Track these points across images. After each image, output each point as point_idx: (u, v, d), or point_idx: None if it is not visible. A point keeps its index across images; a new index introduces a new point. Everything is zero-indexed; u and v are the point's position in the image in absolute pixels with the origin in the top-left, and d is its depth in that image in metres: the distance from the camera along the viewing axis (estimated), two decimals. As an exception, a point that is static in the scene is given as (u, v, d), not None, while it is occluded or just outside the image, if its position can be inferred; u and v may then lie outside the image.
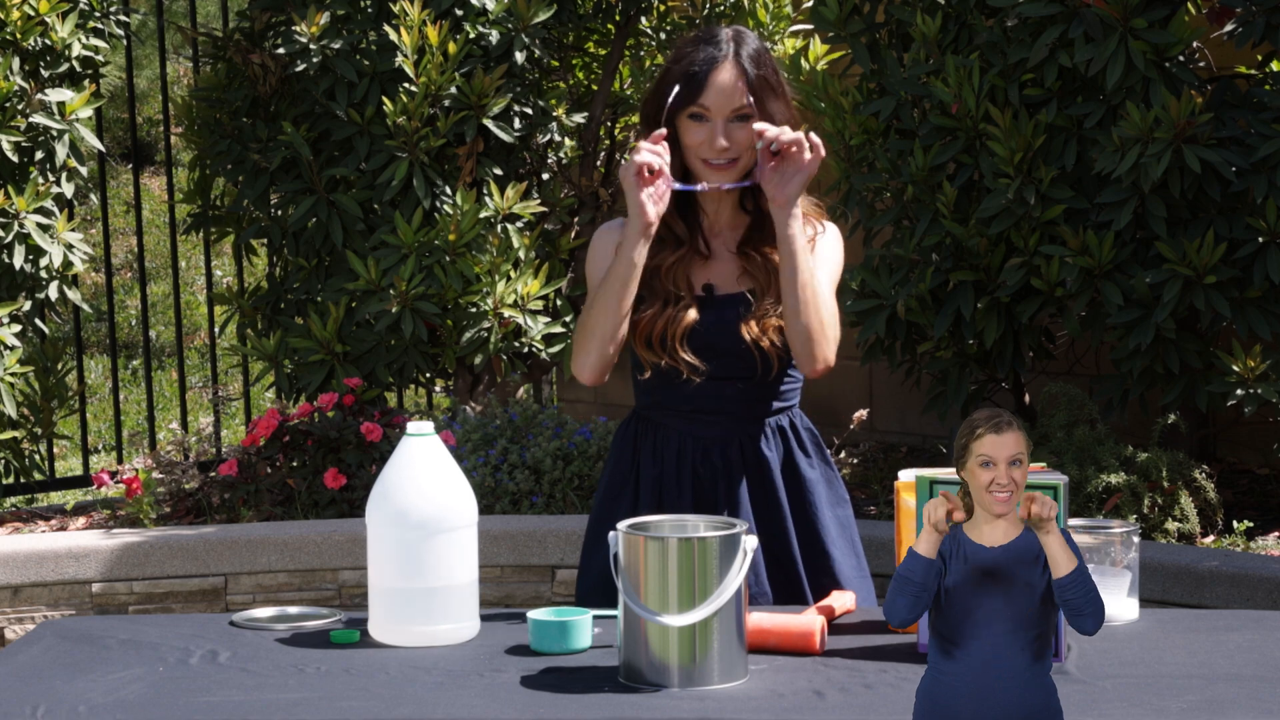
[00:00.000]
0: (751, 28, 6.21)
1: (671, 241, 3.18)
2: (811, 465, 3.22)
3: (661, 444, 3.19)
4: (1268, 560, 4.56)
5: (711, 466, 3.17)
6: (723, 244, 3.22)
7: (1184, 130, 4.86)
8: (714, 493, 3.16)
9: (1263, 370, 4.93)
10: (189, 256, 10.21)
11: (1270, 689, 2.52)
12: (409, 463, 2.83)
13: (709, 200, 3.21)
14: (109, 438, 8.12)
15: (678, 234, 3.18)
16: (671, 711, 2.48)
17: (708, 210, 3.22)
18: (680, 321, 3.14)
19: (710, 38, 3.16)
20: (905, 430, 6.73)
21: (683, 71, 3.14)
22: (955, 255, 5.35)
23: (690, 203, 3.20)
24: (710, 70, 3.12)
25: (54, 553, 5.01)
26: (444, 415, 5.72)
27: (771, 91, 3.15)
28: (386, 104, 5.59)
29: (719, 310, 3.17)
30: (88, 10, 5.93)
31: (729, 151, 3.13)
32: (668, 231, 3.17)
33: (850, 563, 3.22)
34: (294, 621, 2.95)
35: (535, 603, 5.00)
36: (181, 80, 10.48)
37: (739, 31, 3.18)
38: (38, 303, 5.77)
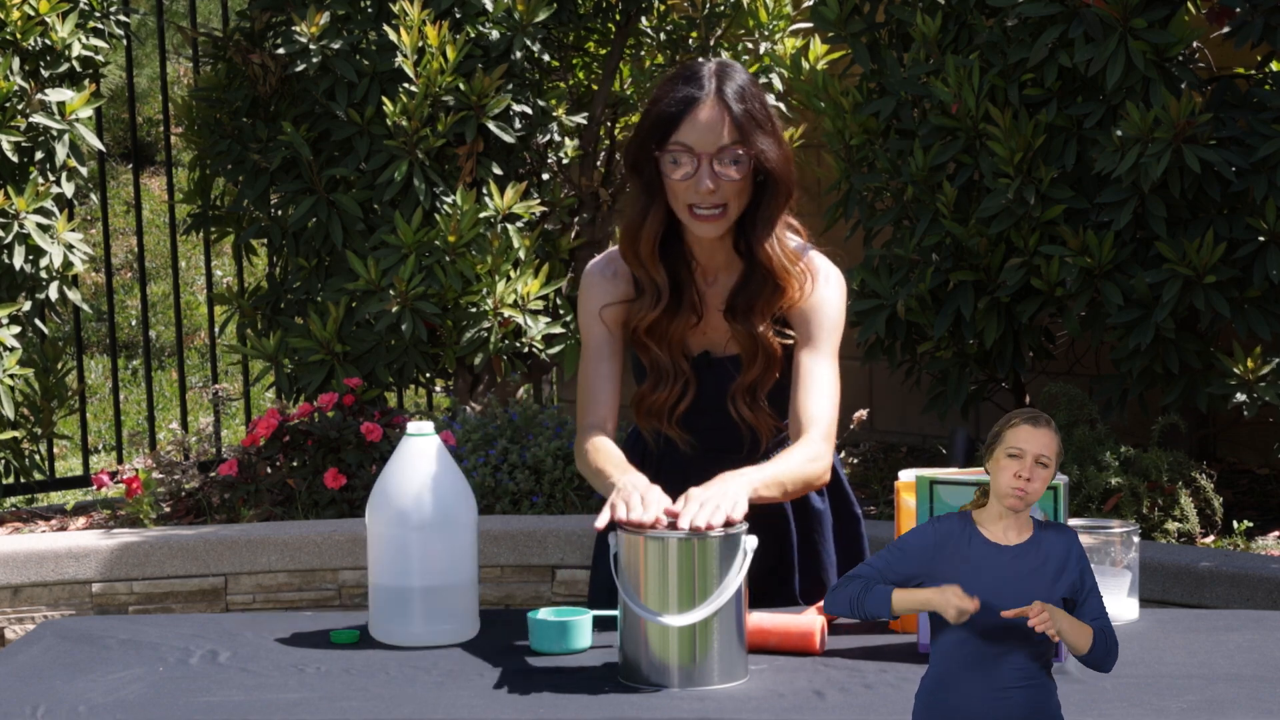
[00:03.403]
0: (751, 27, 6.22)
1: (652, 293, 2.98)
2: (821, 495, 3.14)
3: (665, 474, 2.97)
4: (1268, 560, 4.56)
5: None
6: (718, 293, 3.02)
7: (1184, 130, 4.86)
8: None
9: (1263, 371, 4.93)
10: (189, 256, 10.21)
11: (1270, 689, 2.52)
12: (409, 463, 2.83)
13: (697, 247, 3.00)
14: (109, 438, 8.12)
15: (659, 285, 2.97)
16: (671, 711, 2.48)
17: (698, 255, 3.01)
18: (677, 399, 3.01)
19: (691, 75, 2.92)
20: (905, 430, 6.73)
21: (660, 112, 2.91)
22: (955, 255, 5.35)
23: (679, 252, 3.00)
24: (690, 108, 2.89)
25: (54, 553, 5.01)
26: (444, 415, 5.72)
27: (759, 127, 2.91)
28: (386, 104, 5.59)
29: (718, 375, 3.03)
30: (88, 10, 5.93)
31: (715, 195, 2.89)
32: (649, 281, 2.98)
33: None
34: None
35: (535, 603, 5.00)
36: (181, 80, 10.48)
37: (723, 65, 2.95)
38: (38, 303, 5.77)
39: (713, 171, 2.89)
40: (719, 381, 3.03)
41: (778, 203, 2.96)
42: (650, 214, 2.96)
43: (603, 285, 3.05)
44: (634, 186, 2.99)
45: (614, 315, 3.04)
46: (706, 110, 2.89)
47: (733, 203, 2.93)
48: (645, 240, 2.97)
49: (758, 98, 2.94)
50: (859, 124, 5.54)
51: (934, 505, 2.69)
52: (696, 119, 2.89)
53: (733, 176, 2.91)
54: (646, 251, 2.97)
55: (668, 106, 2.91)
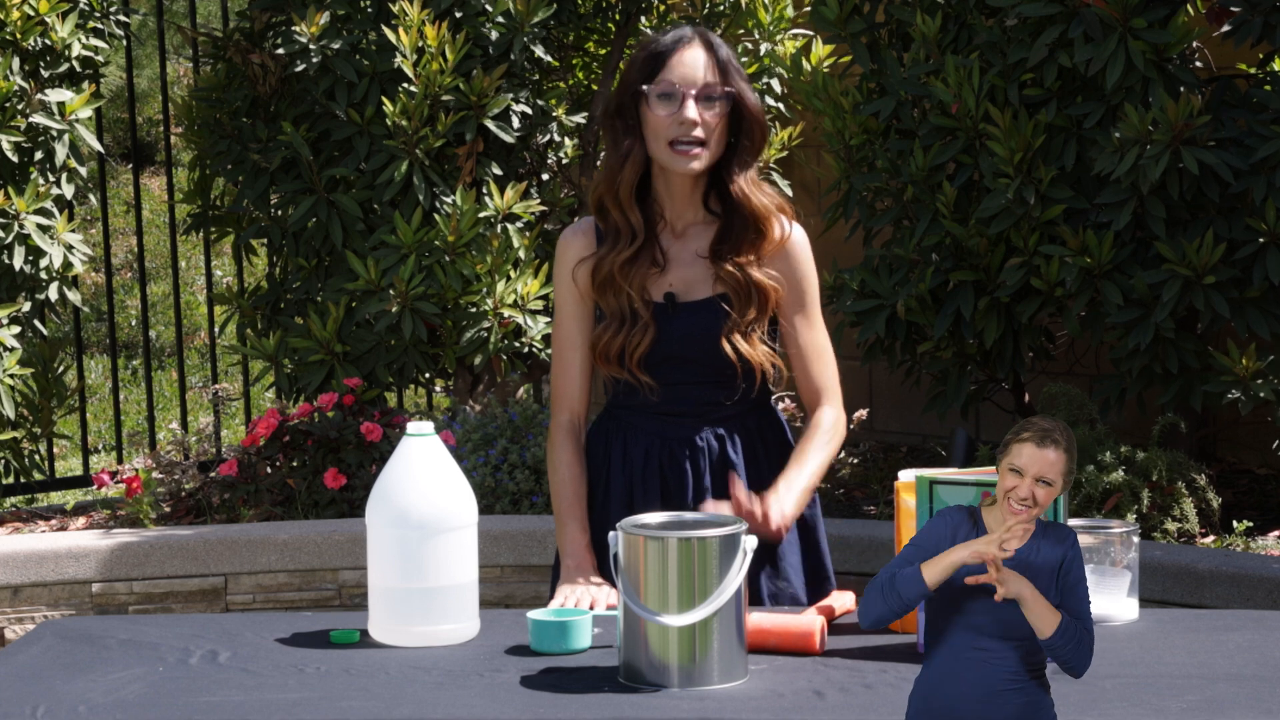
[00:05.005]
0: (751, 28, 6.22)
1: (627, 233, 3.12)
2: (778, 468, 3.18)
3: (630, 444, 3.20)
4: (1267, 560, 4.56)
5: (678, 467, 3.16)
6: (685, 246, 3.16)
7: (1182, 132, 4.86)
8: (681, 494, 3.15)
9: (1259, 369, 4.93)
10: (189, 256, 10.21)
11: (1270, 689, 2.52)
12: (409, 463, 2.83)
13: (667, 200, 3.15)
14: (109, 438, 8.12)
15: (634, 226, 3.12)
16: (671, 711, 2.48)
17: (667, 209, 3.16)
18: (637, 343, 3.12)
19: (675, 25, 3.19)
20: (905, 430, 6.73)
21: (650, 53, 3.12)
22: (955, 255, 5.35)
23: (646, 200, 3.14)
24: (677, 46, 3.10)
25: (54, 553, 5.01)
26: (444, 415, 5.72)
27: (737, 73, 3.11)
28: (386, 104, 5.59)
29: (687, 318, 3.13)
30: (88, 10, 5.93)
31: (698, 130, 3.07)
32: (624, 223, 3.12)
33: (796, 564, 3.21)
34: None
35: (535, 603, 4.99)
36: (181, 80, 10.48)
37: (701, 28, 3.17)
38: (37, 303, 5.77)
39: (695, 106, 3.07)
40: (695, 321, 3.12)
41: (754, 144, 3.13)
42: (630, 157, 3.12)
43: (575, 242, 3.20)
44: (611, 133, 3.15)
45: (586, 272, 3.17)
46: (692, 50, 3.11)
47: (712, 141, 3.09)
48: (625, 183, 3.13)
49: (734, 54, 3.16)
50: (859, 124, 5.54)
51: (934, 505, 2.70)
52: (683, 57, 3.10)
53: (714, 113, 3.08)
54: (625, 194, 3.13)
55: (657, 47, 3.13)
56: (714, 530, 2.62)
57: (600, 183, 3.15)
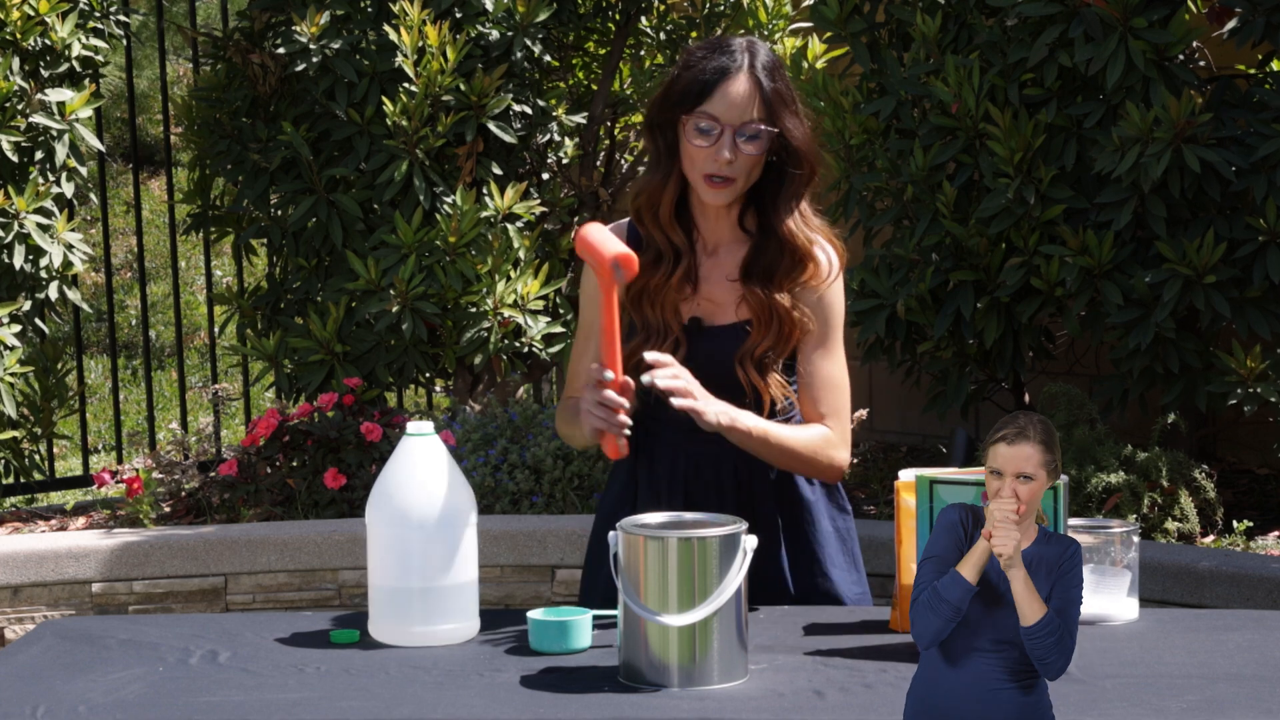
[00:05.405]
0: (750, 27, 6.22)
1: (669, 253, 3.08)
2: (811, 484, 3.16)
3: (657, 458, 3.14)
4: (1267, 560, 4.56)
5: (703, 483, 3.12)
6: (717, 265, 3.11)
7: (1184, 130, 4.86)
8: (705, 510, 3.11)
9: (1262, 370, 4.93)
10: (189, 256, 10.21)
11: (1270, 689, 2.52)
12: (409, 463, 2.83)
13: (702, 218, 3.10)
14: (109, 438, 8.12)
15: (676, 245, 3.08)
16: (671, 711, 2.48)
17: (702, 227, 3.11)
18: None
19: (723, 46, 3.02)
20: (905, 430, 6.73)
21: (693, 78, 3.00)
22: (955, 255, 5.35)
23: (685, 217, 3.10)
24: (722, 79, 2.99)
25: (54, 553, 5.01)
26: (444, 415, 5.73)
27: (785, 106, 3.01)
28: (386, 104, 5.59)
29: (711, 342, 3.08)
30: (88, 10, 5.94)
31: (730, 168, 2.99)
32: (665, 243, 3.08)
33: (850, 578, 3.18)
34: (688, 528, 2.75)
35: (535, 603, 5.00)
36: (181, 80, 10.48)
37: (752, 42, 3.05)
38: (38, 303, 5.77)
39: (733, 143, 2.98)
40: (718, 346, 3.07)
41: (802, 179, 3.06)
42: (670, 178, 3.06)
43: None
44: (651, 144, 3.09)
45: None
46: (738, 83, 2.99)
47: (741, 178, 3.02)
48: (666, 204, 3.07)
49: (784, 77, 3.04)
50: (859, 124, 5.54)
51: (934, 505, 2.70)
52: (727, 91, 2.99)
53: (750, 152, 3.00)
54: (665, 215, 3.08)
55: (701, 74, 3.00)
56: (714, 530, 2.62)
57: (641, 195, 3.10)
